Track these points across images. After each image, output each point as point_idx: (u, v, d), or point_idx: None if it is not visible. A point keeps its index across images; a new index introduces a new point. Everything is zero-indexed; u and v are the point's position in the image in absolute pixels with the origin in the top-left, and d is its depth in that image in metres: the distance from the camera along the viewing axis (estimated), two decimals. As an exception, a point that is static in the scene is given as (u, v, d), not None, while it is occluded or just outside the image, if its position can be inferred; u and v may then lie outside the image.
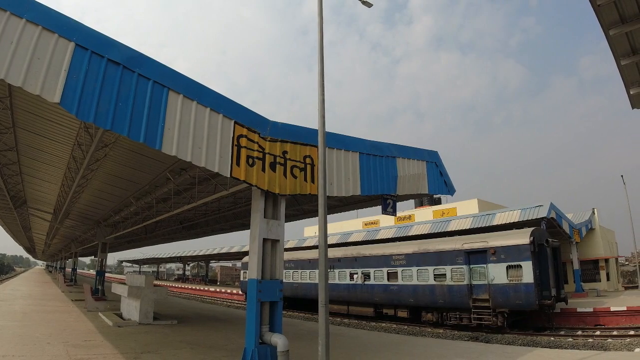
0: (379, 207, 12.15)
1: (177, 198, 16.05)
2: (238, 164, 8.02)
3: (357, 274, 25.67)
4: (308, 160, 9.25)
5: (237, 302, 37.70)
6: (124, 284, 19.39)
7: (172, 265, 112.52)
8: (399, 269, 23.40)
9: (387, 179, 11.24)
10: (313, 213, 17.16)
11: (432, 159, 12.84)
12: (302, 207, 16.82)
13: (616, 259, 42.08)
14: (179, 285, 63.42)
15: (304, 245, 39.94)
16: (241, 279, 39.31)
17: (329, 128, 9.71)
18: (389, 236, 33.19)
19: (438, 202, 43.21)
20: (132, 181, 16.37)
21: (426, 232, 31.02)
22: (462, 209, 37.29)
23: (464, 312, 20.33)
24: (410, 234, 32.09)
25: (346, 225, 44.80)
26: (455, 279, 20.77)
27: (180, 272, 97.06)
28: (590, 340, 16.21)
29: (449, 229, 29.81)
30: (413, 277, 22.65)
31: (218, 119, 7.91)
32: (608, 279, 36.00)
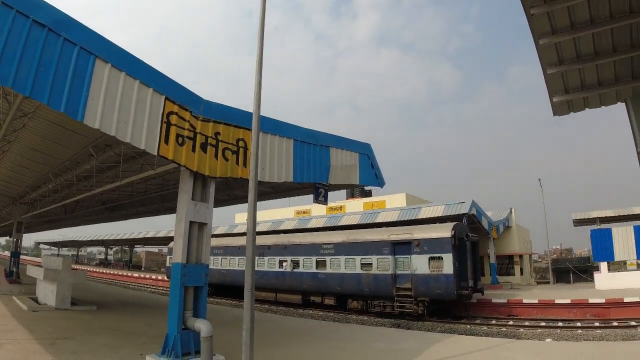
0: (311, 196, 12.25)
1: (100, 176, 15.18)
2: (167, 142, 7.69)
3: (286, 261, 25.77)
4: (241, 143, 9.05)
5: (162, 288, 36.53)
6: (41, 266, 18.22)
7: (94, 249, 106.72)
8: (328, 258, 23.78)
9: (320, 167, 11.30)
10: (244, 199, 16.93)
11: (364, 151, 13.05)
12: (233, 192, 16.55)
13: (530, 256, 45.42)
14: (101, 270, 60.35)
15: (234, 231, 39.36)
16: (167, 264, 38.16)
17: (268, 115, 9.57)
18: (320, 225, 33.53)
19: (368, 194, 44.23)
20: (51, 156, 15.25)
21: (355, 223, 31.69)
22: (391, 202, 38.44)
23: (387, 300, 21.06)
24: (340, 224, 32.63)
25: (278, 213, 44.68)
26: (380, 268, 21.47)
27: (102, 256, 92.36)
28: (504, 329, 17.38)
29: (377, 221, 30.63)
30: (341, 265, 23.12)
31: (148, 93, 7.51)
32: (522, 274, 38.84)
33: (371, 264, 21.87)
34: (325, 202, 12.09)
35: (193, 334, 7.93)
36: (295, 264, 25.35)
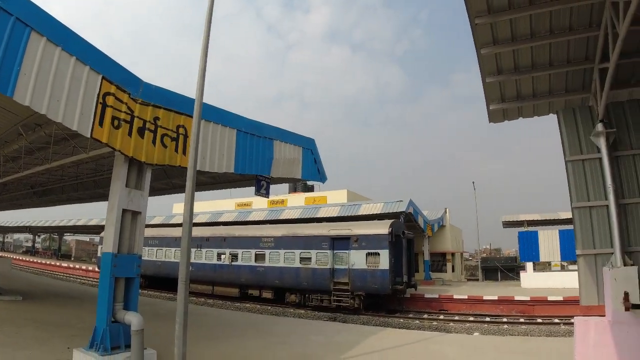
0: (253, 188, 12.08)
1: (28, 158, 14.14)
2: (101, 124, 7.25)
3: (225, 254, 25.33)
4: (181, 130, 8.72)
5: (92, 279, 34.84)
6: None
7: (21, 236, 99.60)
8: (267, 251, 23.64)
9: (263, 160, 11.13)
10: (183, 188, 16.35)
11: (308, 146, 13.02)
12: (172, 181, 16.00)
13: (461, 254, 47.56)
14: (27, 259, 56.58)
15: (172, 222, 38.20)
16: (98, 254, 36.43)
17: (213, 104, 9.30)
18: (261, 218, 33.30)
19: (311, 189, 44.56)
20: (-25, 134, 14.04)
21: (296, 217, 31.78)
22: (332, 198, 38.84)
23: (325, 294, 21.30)
24: (281, 217, 32.59)
25: (218, 205, 43.84)
26: (319, 262, 21.67)
27: (30, 244, 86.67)
28: (435, 323, 18.06)
29: (318, 216, 30.89)
30: (280, 259, 23.07)
31: (84, 70, 7.04)
32: (453, 271, 40.68)
33: (310, 258, 22.00)
34: (266, 194, 11.98)
35: (123, 327, 7.58)
36: (234, 256, 24.96)
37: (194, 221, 7.34)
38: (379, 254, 20.28)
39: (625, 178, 7.38)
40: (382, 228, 20.90)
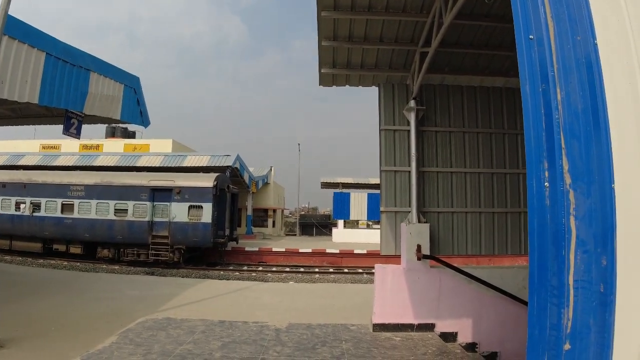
0: (62, 127, 10.57)
1: None
2: None
3: (25, 203, 21.99)
4: (-24, 48, 7.22)
5: None
6: None
7: None
8: (77, 201, 21.25)
9: (75, 93, 9.64)
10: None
11: (132, 84, 11.79)
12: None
13: (282, 211, 49.95)
14: None
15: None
16: None
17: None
18: (70, 164, 29.69)
19: (132, 136, 41.09)
20: None
21: (113, 165, 29.19)
22: (156, 147, 36.59)
23: (142, 248, 20.39)
24: (95, 164, 29.53)
25: (19, 146, 37.58)
26: (137, 215, 20.53)
27: None
28: (254, 274, 18.92)
29: (138, 164, 28.85)
30: (92, 210, 21.02)
31: None
32: (274, 226, 42.62)
33: (127, 210, 20.64)
34: (77, 135, 10.61)
35: None
36: (36, 206, 21.76)
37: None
38: (202, 207, 20.13)
39: (426, 150, 8.60)
40: (206, 181, 20.71)
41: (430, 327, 8.00)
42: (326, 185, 40.14)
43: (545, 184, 2.42)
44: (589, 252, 2.44)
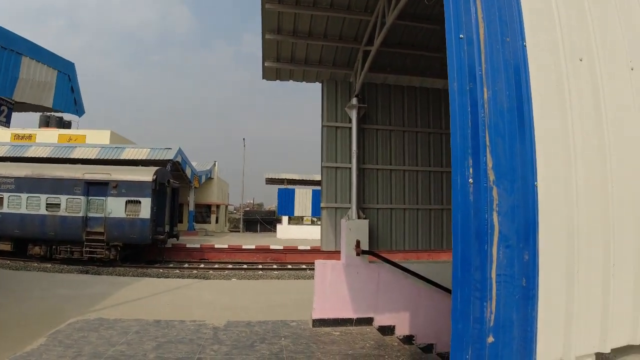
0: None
1: None
2: None
3: (-57, 197, 20.22)
4: None
5: None
6: None
7: None
8: (6, 195, 19.81)
9: (5, 78, 8.96)
10: None
11: (66, 70, 11.08)
12: None
13: (226, 207, 49.13)
14: None
15: None
16: None
17: None
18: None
19: (68, 126, 38.78)
20: None
21: (46, 156, 27.48)
22: (93, 138, 34.70)
23: (76, 245, 19.36)
24: (26, 155, 27.67)
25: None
26: (70, 210, 19.45)
27: None
28: (195, 271, 18.45)
29: (73, 156, 27.33)
30: (22, 205, 19.70)
31: None
32: (217, 222, 41.76)
33: (59, 204, 19.49)
34: (7, 124, 9.94)
35: None
36: (-44, 200, 20.17)
37: None
38: (140, 202, 19.40)
39: (367, 147, 8.71)
40: (145, 175, 19.96)
41: (369, 321, 8.12)
42: (271, 181, 39.86)
43: (470, 180, 2.48)
44: (512, 247, 2.52)
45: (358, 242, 7.96)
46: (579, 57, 2.99)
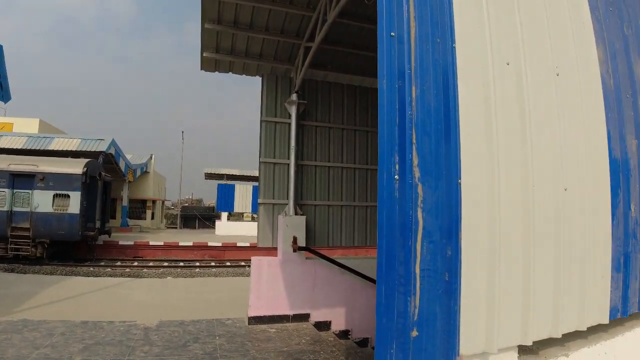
0: None
1: None
2: None
3: None
4: None
5: None
6: None
7: None
8: None
9: None
10: None
11: None
12: None
13: (163, 202, 47.51)
14: None
15: None
16: None
17: None
18: None
19: (-8, 113, 35.91)
20: None
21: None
22: (20, 127, 32.36)
23: (0, 242, 18.00)
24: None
25: None
26: (-7, 204, 18.03)
27: None
28: (128, 270, 17.63)
29: (-4, 146, 25.41)
30: (-64, 199, 18.03)
31: None
32: (153, 218, 40.25)
33: (-19, 198, 18.05)
34: None
35: None
36: None
37: None
38: (69, 196, 18.32)
39: (306, 143, 8.73)
40: (75, 167, 18.86)
41: (305, 317, 8.14)
42: (210, 176, 39.04)
43: (396, 177, 2.52)
44: (435, 243, 2.59)
45: (295, 239, 7.95)
46: (506, 61, 3.11)
